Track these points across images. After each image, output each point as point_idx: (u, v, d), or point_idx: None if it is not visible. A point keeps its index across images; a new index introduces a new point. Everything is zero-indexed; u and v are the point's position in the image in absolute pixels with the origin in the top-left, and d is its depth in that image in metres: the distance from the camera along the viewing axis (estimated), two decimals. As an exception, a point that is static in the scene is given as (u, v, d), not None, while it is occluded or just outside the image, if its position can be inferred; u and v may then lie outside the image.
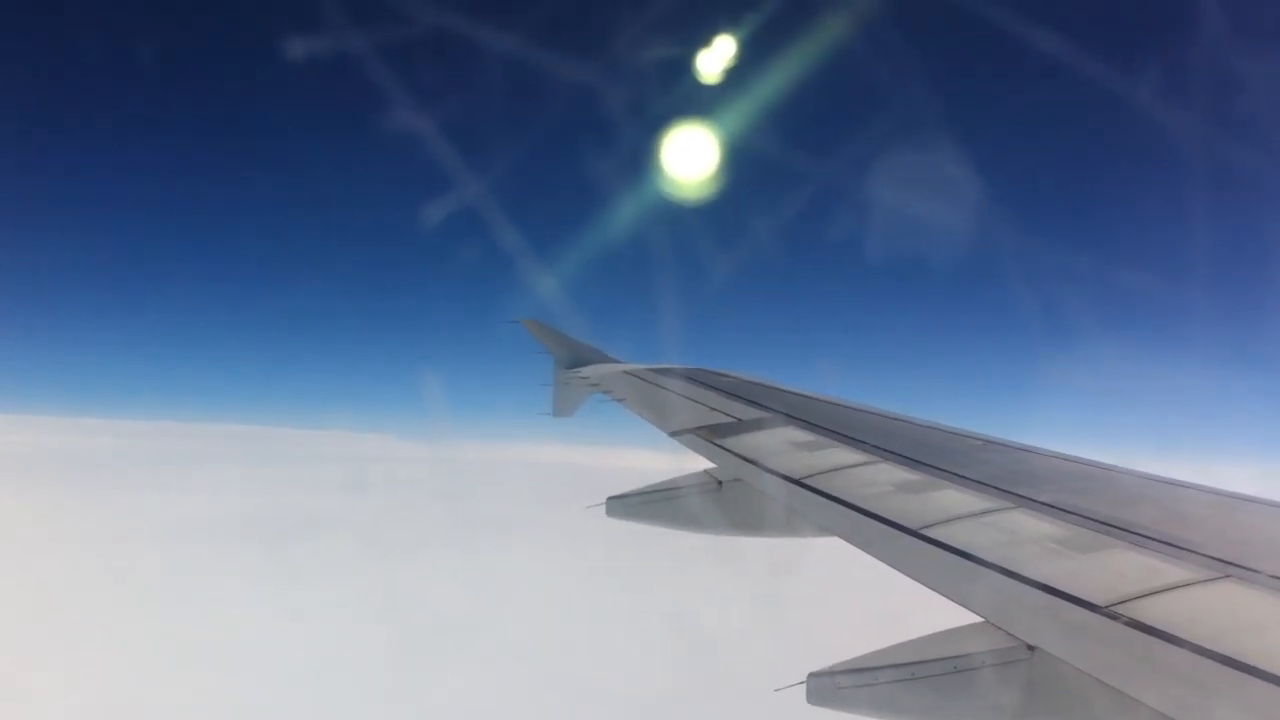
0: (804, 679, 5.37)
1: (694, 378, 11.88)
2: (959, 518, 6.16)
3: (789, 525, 7.43)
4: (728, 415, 9.89)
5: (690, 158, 13.71)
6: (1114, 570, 5.16)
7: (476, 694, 41.96)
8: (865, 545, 6.13)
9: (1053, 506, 6.22)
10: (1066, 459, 7.89)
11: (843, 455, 8.02)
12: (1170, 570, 5.07)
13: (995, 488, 6.72)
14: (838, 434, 8.72)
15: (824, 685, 5.34)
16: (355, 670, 44.41)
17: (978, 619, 5.04)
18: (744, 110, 13.88)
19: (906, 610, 5.52)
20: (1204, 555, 5.23)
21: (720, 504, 8.27)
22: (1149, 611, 4.60)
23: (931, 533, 5.95)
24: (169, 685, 42.09)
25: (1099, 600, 4.78)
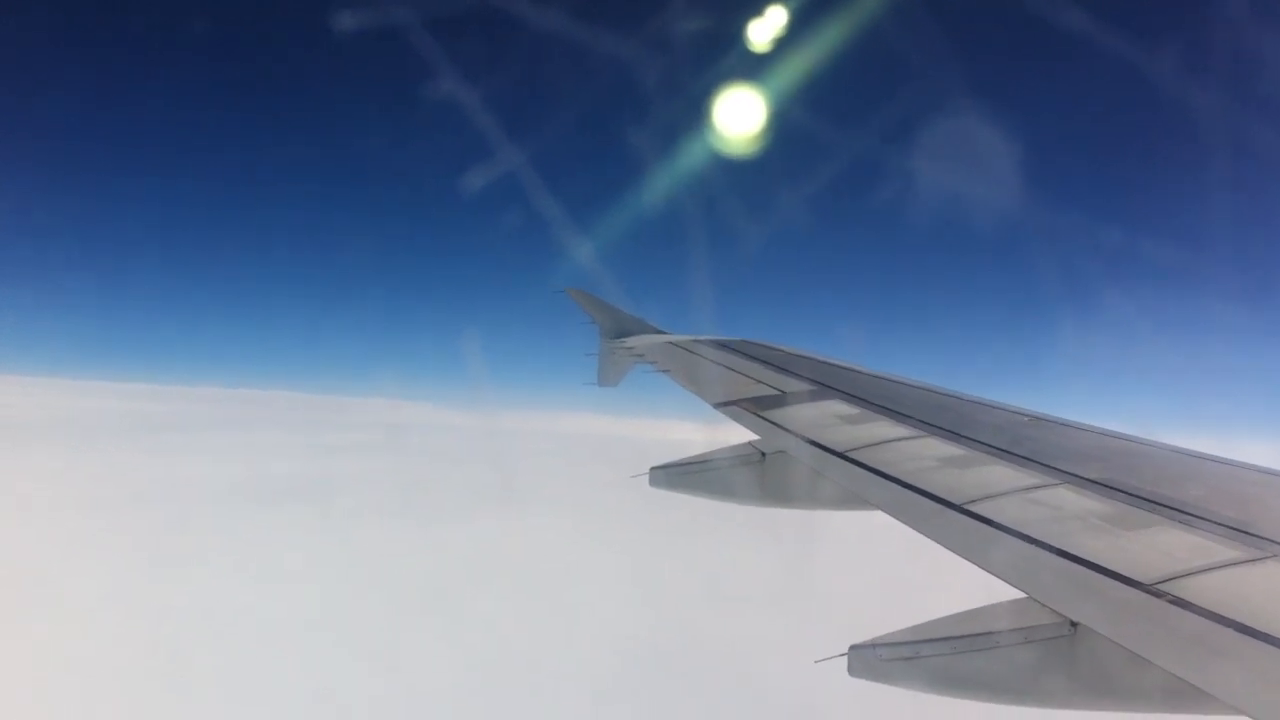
0: (845, 651, 5.39)
1: (738, 349, 11.87)
2: (1004, 493, 6.13)
3: (832, 498, 7.43)
4: (772, 387, 9.88)
5: (738, 127, 13.64)
6: (1160, 548, 5.13)
7: (513, 657, 42.33)
8: (909, 519, 6.11)
9: (1099, 483, 6.18)
10: (1113, 435, 7.83)
11: (887, 429, 7.99)
12: (1217, 549, 5.03)
13: (1041, 464, 6.68)
14: (882, 408, 8.69)
15: (865, 658, 5.36)
16: (384, 634, 44.90)
17: (1021, 595, 5.03)
18: (792, 80, 13.79)
19: (949, 585, 5.52)
20: (1252, 534, 5.19)
21: (763, 476, 8.28)
22: (1194, 590, 4.57)
23: (976, 508, 5.93)
24: (201, 649, 42.72)
25: (1144, 578, 4.75)
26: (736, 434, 8.79)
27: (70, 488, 70.33)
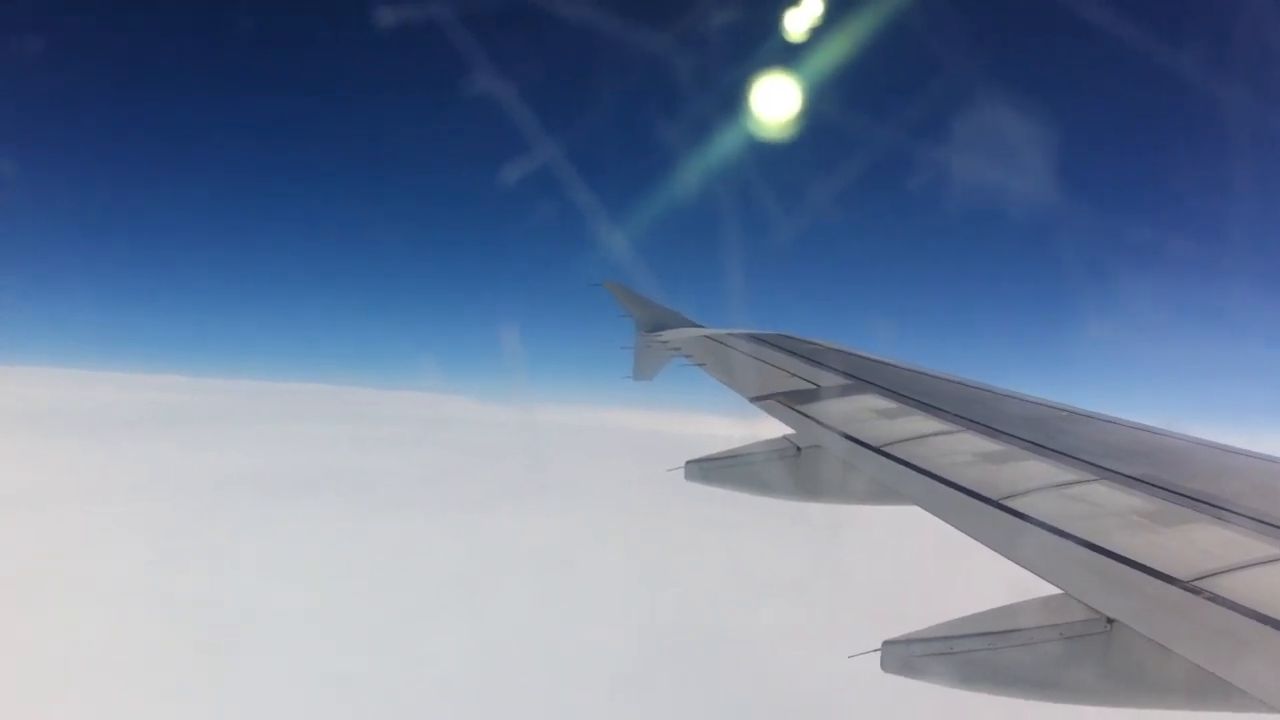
0: (879, 646, 5.39)
1: (774, 343, 11.85)
2: (1040, 489, 6.11)
3: (867, 493, 7.42)
4: (808, 381, 9.86)
5: (772, 119, 13.60)
6: (1197, 544, 5.10)
7: (547, 649, 42.48)
8: (945, 514, 6.10)
9: (1136, 479, 6.14)
10: (1151, 431, 7.77)
11: (923, 424, 7.97)
12: (1256, 546, 5.00)
13: (1078, 459, 6.65)
14: (919, 402, 8.67)
15: (899, 653, 5.36)
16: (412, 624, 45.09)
17: (1056, 590, 5.02)
18: (827, 71, 13.73)
19: (985, 580, 5.52)
20: (1291, 531, 5.15)
21: (798, 470, 8.27)
22: (1232, 587, 4.54)
23: (1012, 503, 5.91)
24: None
25: (1181, 574, 4.73)
26: (772, 428, 8.80)
27: (103, 478, 71.21)
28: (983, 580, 5.57)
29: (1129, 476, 6.21)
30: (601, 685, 39.07)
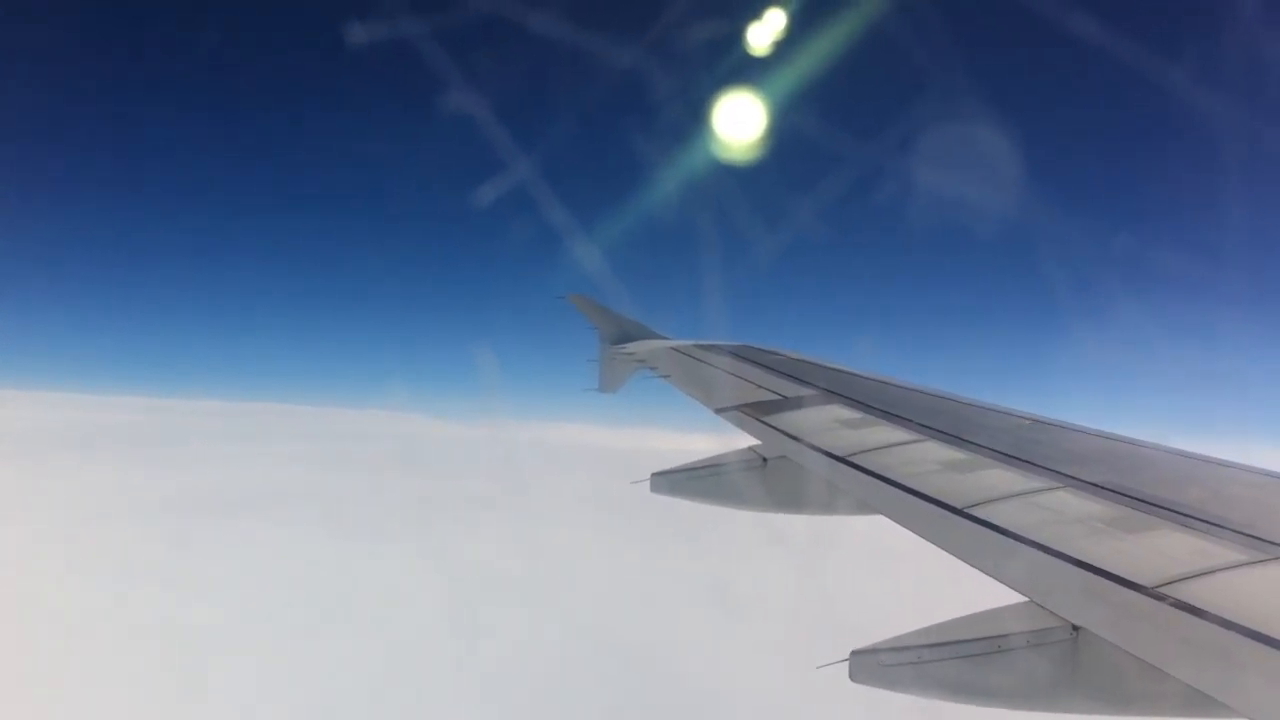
0: (847, 656, 5.38)
1: (740, 355, 11.85)
2: (1005, 497, 6.12)
3: (833, 503, 7.42)
4: (773, 392, 9.87)
5: (739, 133, 13.61)
6: (1162, 551, 5.11)
7: (515, 668, 42.29)
8: (910, 524, 6.10)
9: (1100, 486, 6.17)
10: (1114, 439, 7.82)
11: (888, 433, 7.98)
12: (1219, 551, 5.02)
13: (1042, 467, 6.67)
14: (884, 412, 8.69)
15: (867, 663, 5.35)
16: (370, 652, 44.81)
17: (1022, 598, 5.02)
18: (794, 84, 13.76)
19: (950, 589, 5.52)
20: (1254, 537, 5.18)
21: (765, 481, 8.27)
22: (1197, 593, 4.55)
23: (977, 511, 5.92)
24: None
25: (1145, 581, 4.73)
26: (738, 439, 8.79)
27: (62, 500, 70.36)
28: (949, 589, 5.58)
29: (1093, 484, 6.23)
30: (571, 703, 38.93)
